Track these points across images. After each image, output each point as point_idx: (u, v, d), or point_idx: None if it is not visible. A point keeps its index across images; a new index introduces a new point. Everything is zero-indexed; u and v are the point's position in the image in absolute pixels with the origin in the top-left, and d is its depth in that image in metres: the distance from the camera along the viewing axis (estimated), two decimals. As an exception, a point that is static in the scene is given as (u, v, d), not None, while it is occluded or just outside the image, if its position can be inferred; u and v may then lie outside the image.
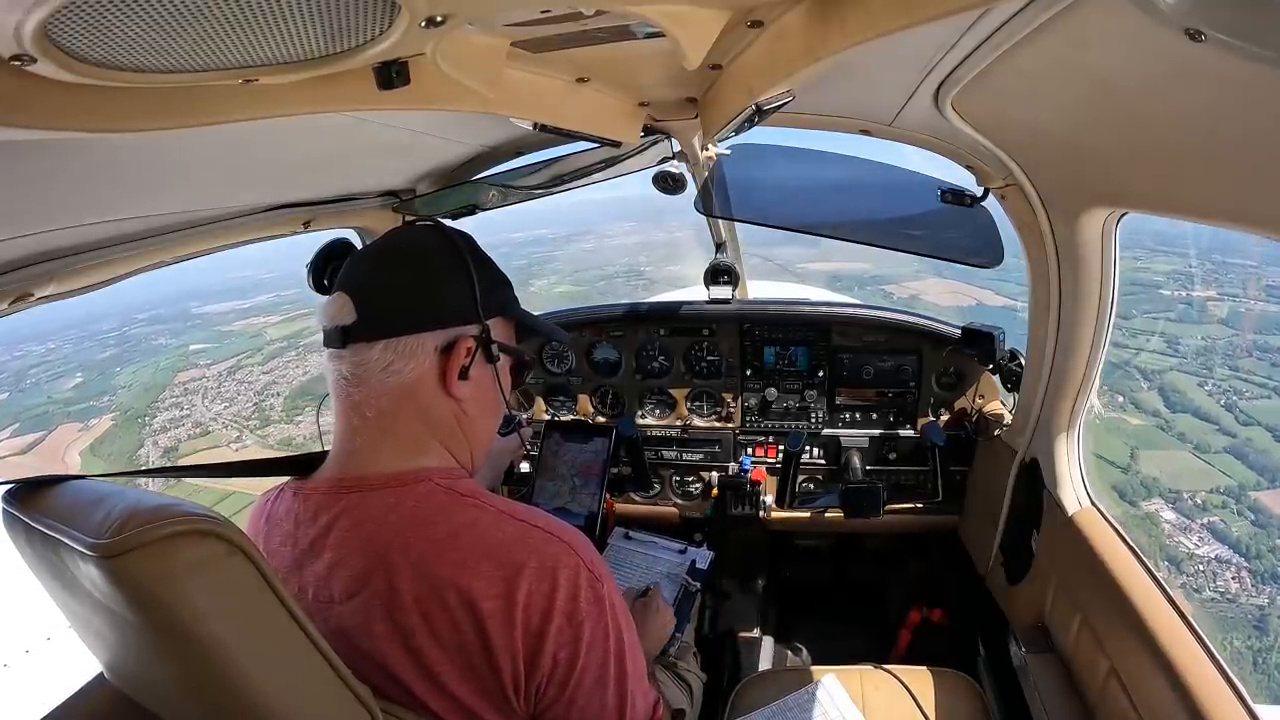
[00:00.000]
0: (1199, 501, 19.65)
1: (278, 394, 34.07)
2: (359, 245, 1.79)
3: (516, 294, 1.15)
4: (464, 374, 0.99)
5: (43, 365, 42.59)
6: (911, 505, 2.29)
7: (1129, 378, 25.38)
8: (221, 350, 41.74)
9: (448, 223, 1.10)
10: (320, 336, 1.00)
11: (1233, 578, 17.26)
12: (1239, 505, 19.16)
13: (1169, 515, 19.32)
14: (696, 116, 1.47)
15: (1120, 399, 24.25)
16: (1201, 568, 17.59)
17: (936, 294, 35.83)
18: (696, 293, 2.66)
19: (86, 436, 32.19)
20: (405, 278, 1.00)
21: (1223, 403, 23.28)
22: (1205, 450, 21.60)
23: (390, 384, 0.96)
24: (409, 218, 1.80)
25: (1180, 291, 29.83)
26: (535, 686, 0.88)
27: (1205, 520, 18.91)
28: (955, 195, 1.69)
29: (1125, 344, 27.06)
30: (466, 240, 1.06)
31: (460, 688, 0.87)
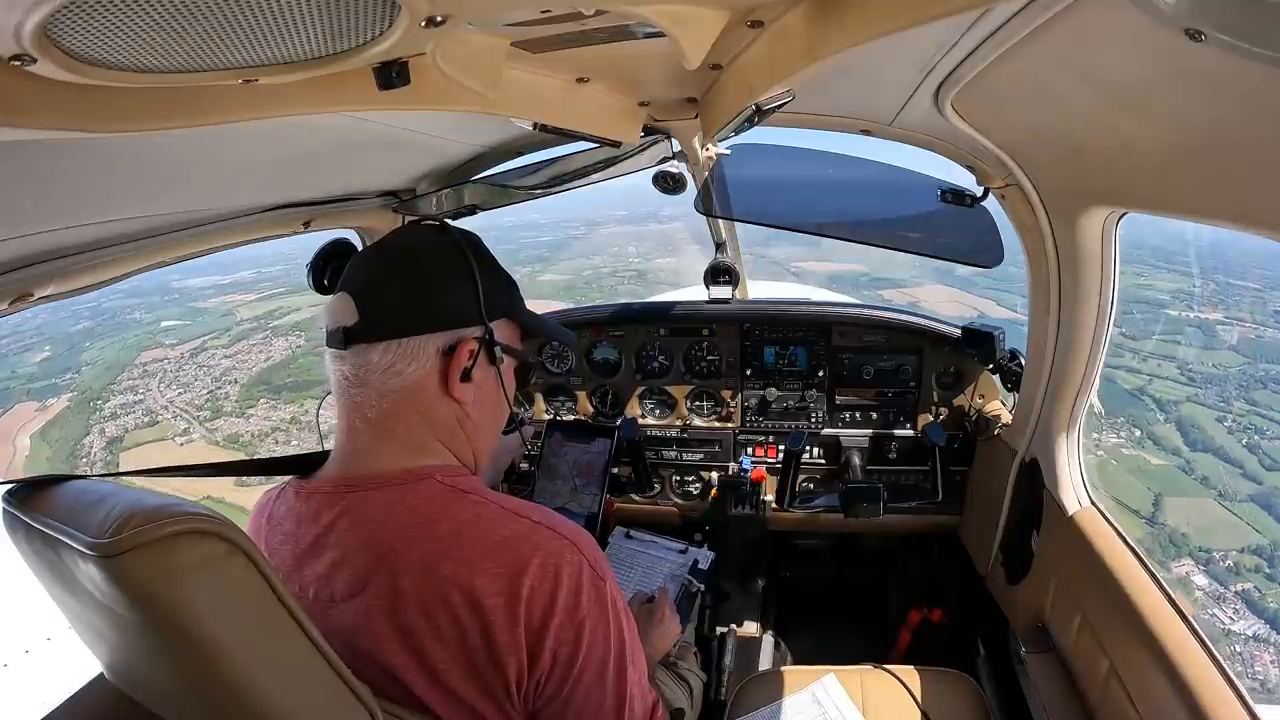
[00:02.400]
0: (1231, 564, 17.48)
1: (235, 381, 32.51)
2: (359, 245, 1.80)
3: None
4: (466, 376, 0.99)
5: (13, 335, 39.68)
6: (911, 505, 2.29)
7: (1145, 408, 23.89)
8: (191, 329, 39.75)
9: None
10: (291, 319, 1.01)
11: (1271, 661, 15.04)
12: (1272, 569, 17.04)
13: (1201, 580, 17.00)
14: (696, 116, 1.47)
15: (1138, 434, 22.72)
16: (1239, 648, 15.29)
17: (937, 302, 34.59)
18: (696, 292, 2.66)
19: (43, 417, 30.38)
20: (408, 279, 0.99)
21: (1244, 442, 21.50)
22: (1231, 499, 19.52)
23: (392, 385, 0.96)
24: (410, 218, 1.79)
25: (1187, 312, 28.42)
26: (535, 683, 0.88)
27: (1239, 587, 16.68)
28: (955, 195, 1.69)
29: (1138, 369, 25.68)
30: (471, 241, 1.06)
31: (463, 685, 0.87)
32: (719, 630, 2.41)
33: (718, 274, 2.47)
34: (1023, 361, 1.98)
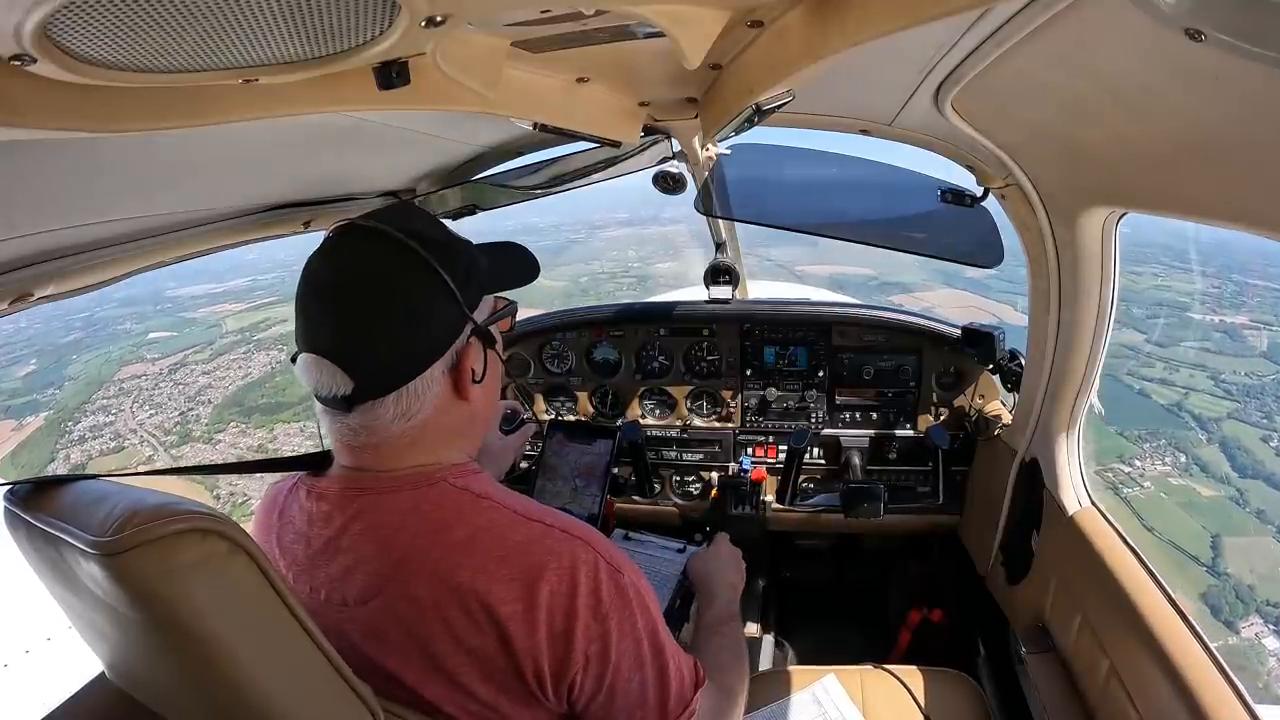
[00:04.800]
0: (1301, 619, 15.20)
1: (209, 401, 30.81)
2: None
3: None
4: (476, 378, 0.98)
5: (5, 347, 37.91)
6: (911, 505, 2.29)
7: (1184, 426, 22.03)
8: (176, 341, 38.12)
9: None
10: (276, 330, 0.97)
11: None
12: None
13: (1272, 644, 14.51)
14: (696, 116, 1.47)
15: (1184, 458, 20.85)
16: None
17: (950, 309, 32.11)
18: (696, 293, 2.66)
19: (18, 438, 28.78)
20: (389, 322, 0.89)
21: (1295, 467, 19.65)
22: (1292, 536, 17.55)
23: (409, 425, 0.93)
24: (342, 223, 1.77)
25: (1212, 316, 26.26)
26: (569, 683, 0.88)
27: (1316, 651, 14.37)
28: (955, 195, 1.69)
29: (1171, 381, 23.89)
30: (420, 237, 0.91)
31: (480, 686, 0.87)
32: None
33: (718, 274, 2.47)
34: (1023, 361, 1.98)
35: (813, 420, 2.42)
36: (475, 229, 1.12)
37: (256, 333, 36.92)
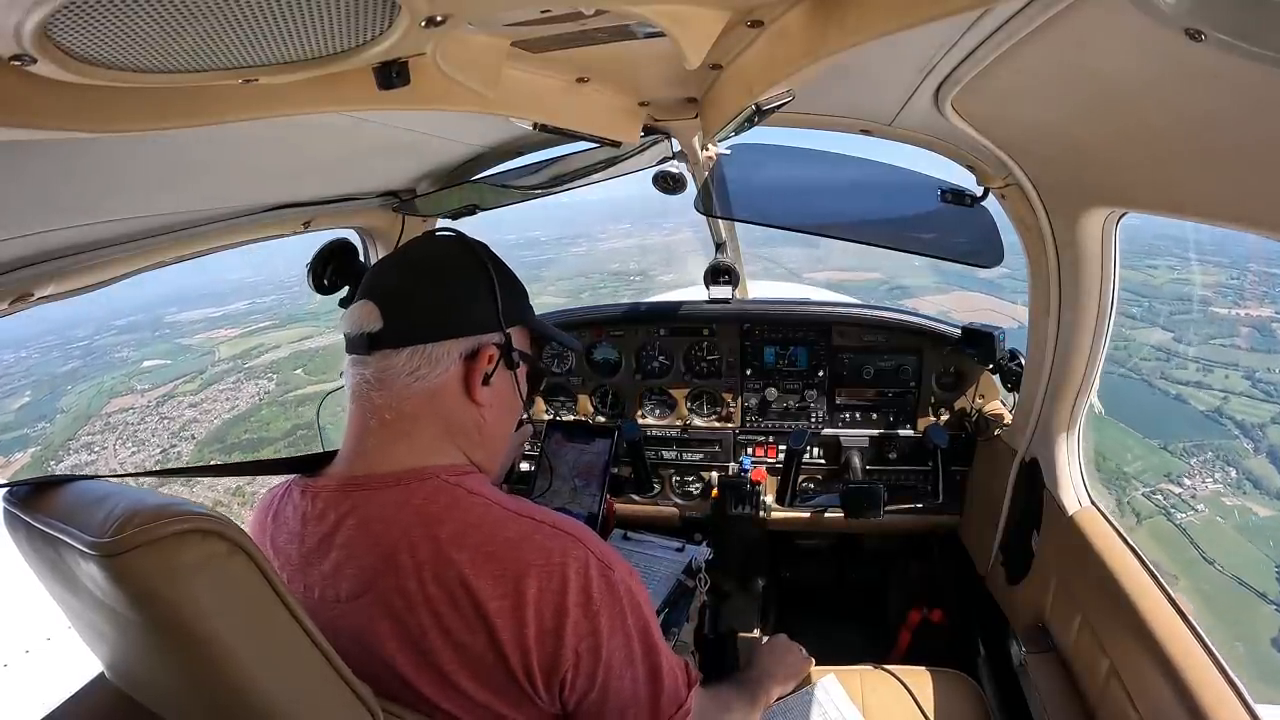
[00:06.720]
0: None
1: (192, 437, 29.56)
2: (359, 245, 1.80)
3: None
4: (486, 380, 1.03)
5: (3, 378, 37.44)
6: (911, 505, 2.29)
7: (1228, 434, 20.60)
8: (168, 370, 36.64)
9: (447, 223, 1.11)
10: (267, 358, 1.01)
11: None
12: None
13: None
14: (697, 116, 1.47)
15: (1234, 474, 19.18)
16: None
17: (963, 311, 29.65)
18: (696, 293, 2.66)
19: (4, 474, 26.94)
20: (432, 287, 1.03)
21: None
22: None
23: (415, 389, 0.98)
24: (436, 226, 1.80)
25: (1239, 310, 24.70)
26: (561, 681, 0.89)
27: None
28: (955, 195, 1.69)
29: (1207, 384, 22.44)
30: (487, 250, 1.10)
31: (471, 685, 0.87)
32: (719, 630, 2.41)
33: (718, 274, 2.47)
34: (1023, 361, 1.98)
35: (813, 420, 2.42)
36: (476, 236, 1.14)
37: (248, 360, 35.82)
